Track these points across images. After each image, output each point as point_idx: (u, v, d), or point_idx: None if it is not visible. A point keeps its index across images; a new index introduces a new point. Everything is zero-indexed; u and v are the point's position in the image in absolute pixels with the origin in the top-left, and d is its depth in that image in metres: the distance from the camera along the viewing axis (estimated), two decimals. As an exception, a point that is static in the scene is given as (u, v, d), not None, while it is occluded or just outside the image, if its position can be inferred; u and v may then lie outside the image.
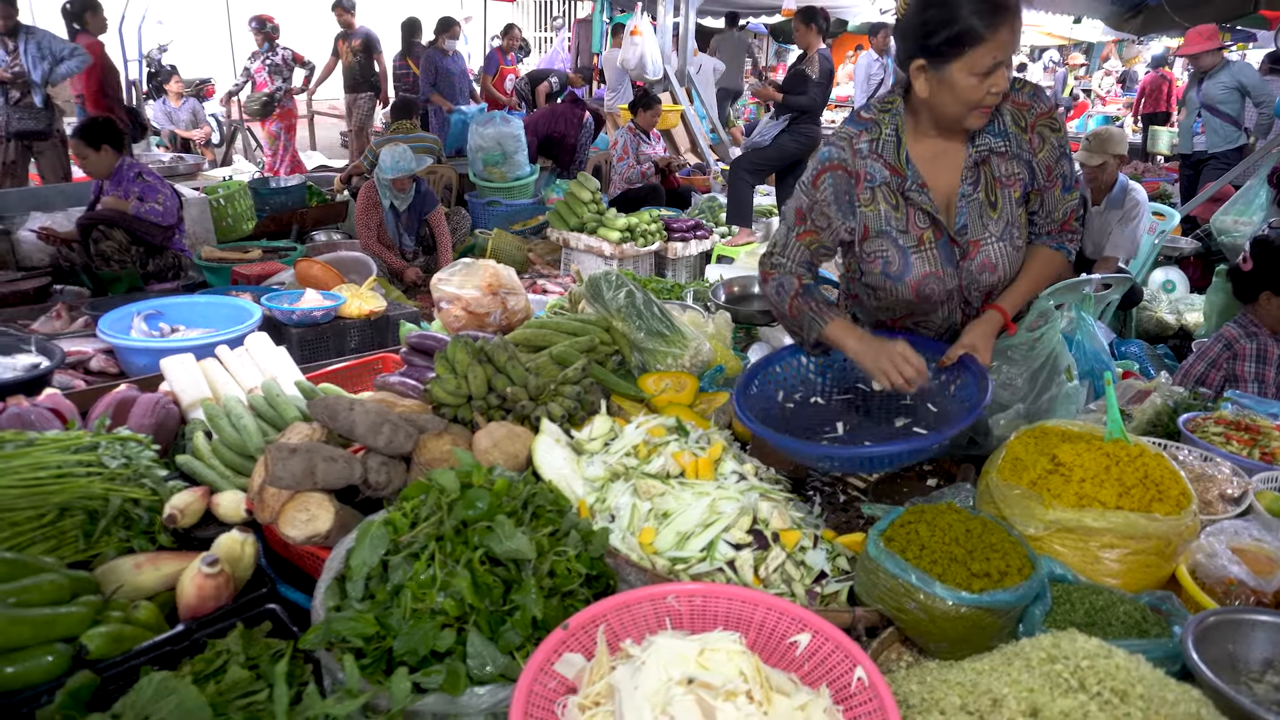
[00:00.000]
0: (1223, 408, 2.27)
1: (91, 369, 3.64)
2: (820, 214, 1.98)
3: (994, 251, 1.96)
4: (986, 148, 1.89)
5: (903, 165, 1.91)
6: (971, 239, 1.95)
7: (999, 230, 1.95)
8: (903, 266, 1.97)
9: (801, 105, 5.66)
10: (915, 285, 1.98)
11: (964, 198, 1.92)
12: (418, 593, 1.40)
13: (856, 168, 1.93)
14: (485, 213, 6.76)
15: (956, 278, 1.98)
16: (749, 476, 1.75)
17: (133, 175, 4.59)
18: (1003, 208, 1.94)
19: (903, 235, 1.95)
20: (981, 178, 1.92)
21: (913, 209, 1.94)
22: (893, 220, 1.95)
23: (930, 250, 1.96)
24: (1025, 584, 1.41)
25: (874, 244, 1.98)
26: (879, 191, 1.94)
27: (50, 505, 1.77)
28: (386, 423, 1.78)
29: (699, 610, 1.47)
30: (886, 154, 1.92)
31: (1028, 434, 1.75)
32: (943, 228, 1.94)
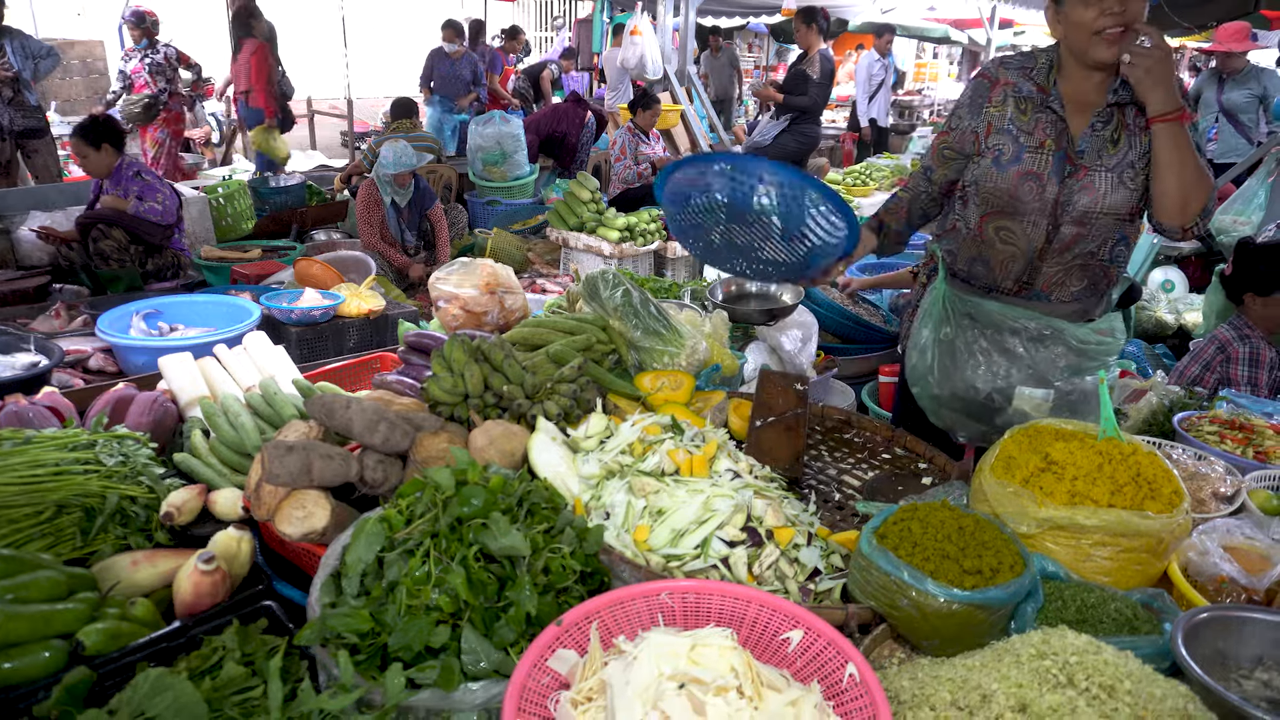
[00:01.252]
0: (1218, 407, 2.27)
1: (90, 368, 3.65)
2: (957, 115, 2.26)
3: (1100, 178, 2.08)
4: (1125, 98, 2.03)
5: (1050, 85, 2.11)
6: (1084, 163, 2.09)
7: (1113, 163, 2.07)
8: (1014, 157, 2.14)
9: (802, 105, 5.67)
10: (1017, 175, 2.14)
11: (1092, 130, 2.08)
12: (413, 589, 1.41)
13: (999, 76, 2.19)
14: (485, 212, 6.77)
15: (1056, 189, 2.11)
16: (744, 474, 1.76)
17: (132, 174, 4.61)
18: (1123, 147, 2.07)
19: (1025, 135, 2.14)
20: (1113, 119, 2.07)
21: (1045, 120, 2.11)
22: (1019, 123, 2.14)
23: (1044, 155, 2.11)
24: (1017, 581, 1.42)
25: (993, 139, 2.18)
26: (1013, 99, 2.15)
27: (48, 502, 1.77)
28: (383, 420, 1.79)
29: (692, 607, 1.48)
30: (1038, 76, 2.13)
31: (1021, 432, 1.76)
32: (1064, 144, 2.10)
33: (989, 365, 2.14)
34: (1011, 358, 2.13)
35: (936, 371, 2.22)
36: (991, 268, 2.27)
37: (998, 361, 2.14)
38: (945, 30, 15.08)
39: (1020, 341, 2.13)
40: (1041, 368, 2.12)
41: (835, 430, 2.37)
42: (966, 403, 2.19)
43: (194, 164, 7.90)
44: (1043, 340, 2.11)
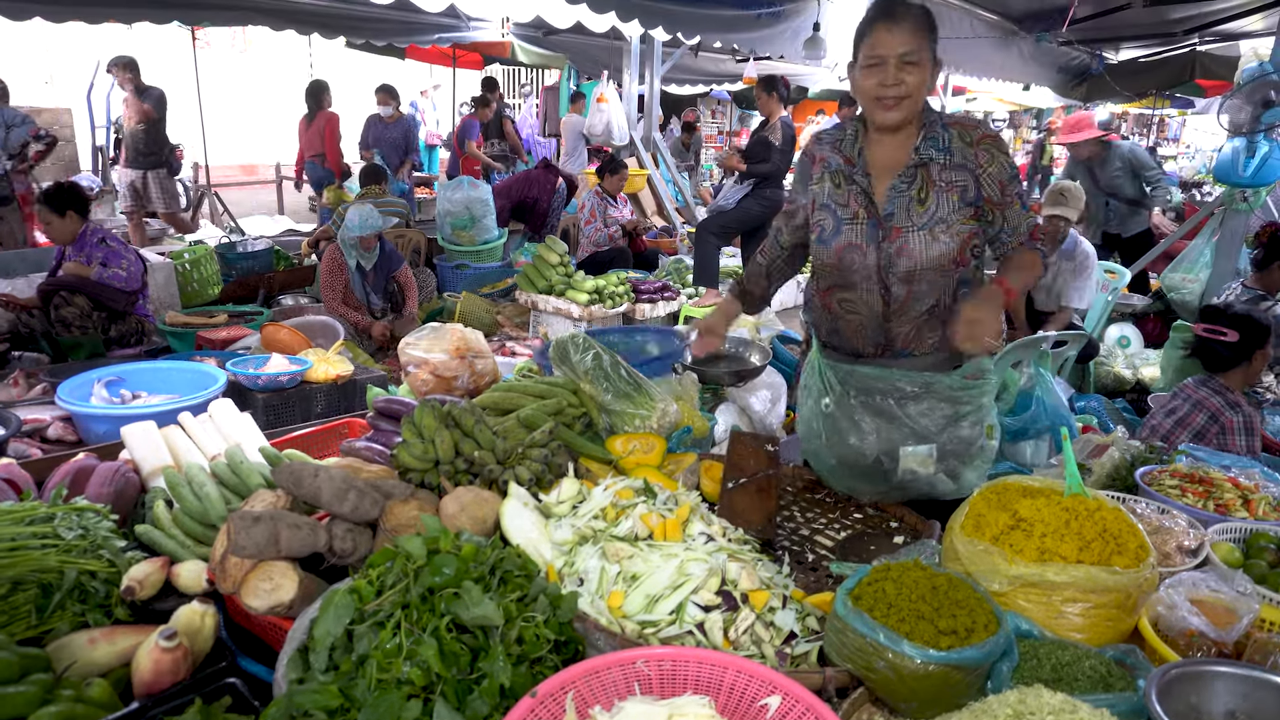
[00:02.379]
0: (1177, 461, 2.32)
1: (49, 437, 3.56)
2: (794, 189, 2.42)
3: (913, 238, 2.17)
4: (927, 156, 2.16)
5: (855, 156, 2.24)
6: (895, 225, 2.19)
7: (922, 221, 2.17)
8: (833, 232, 2.27)
9: (765, 172, 5.81)
10: (839, 250, 2.26)
11: (895, 191, 2.18)
12: (383, 662, 1.38)
13: (816, 153, 2.34)
14: (454, 276, 6.79)
15: (875, 255, 2.21)
16: (717, 537, 1.76)
17: (96, 241, 4.57)
18: (931, 205, 2.17)
19: (841, 209, 2.27)
20: (917, 178, 2.17)
21: (854, 191, 2.24)
22: (835, 196, 2.28)
23: (860, 225, 2.23)
24: (992, 640, 1.42)
25: (817, 215, 2.32)
26: (829, 175, 2.29)
27: (2, 579, 1.72)
28: (352, 489, 1.77)
29: (668, 675, 1.46)
30: (845, 148, 2.27)
31: (989, 490, 1.78)
32: (874, 210, 2.21)
33: (872, 430, 2.20)
34: (890, 419, 2.19)
35: (825, 441, 2.28)
36: (847, 336, 2.36)
37: (878, 425, 2.20)
38: (901, 97, 15.61)
39: (895, 402, 2.19)
40: (920, 424, 2.18)
41: (806, 490, 2.38)
42: (858, 468, 2.24)
43: (160, 230, 7.84)
44: (916, 397, 2.18)
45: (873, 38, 2.06)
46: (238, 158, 13.73)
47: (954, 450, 2.17)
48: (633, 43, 8.25)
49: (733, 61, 11.96)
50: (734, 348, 3.13)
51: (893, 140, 2.19)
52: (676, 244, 7.97)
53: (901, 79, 2.03)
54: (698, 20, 5.78)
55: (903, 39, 2.02)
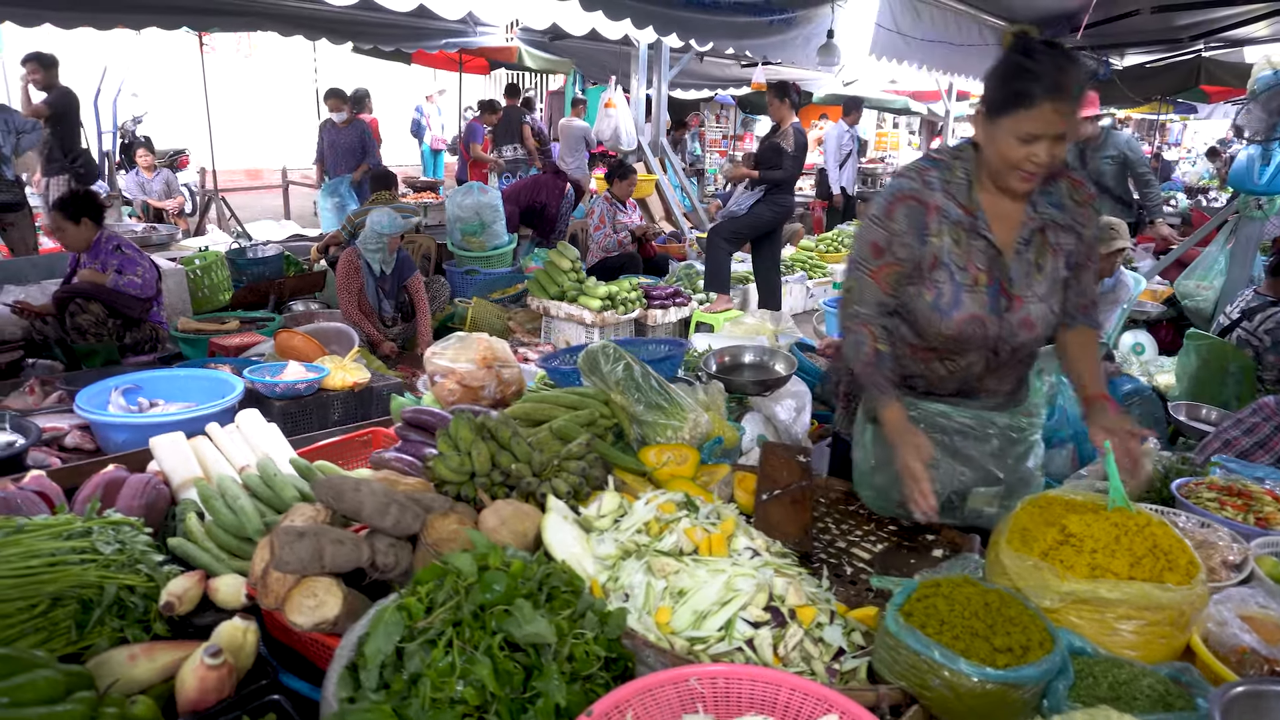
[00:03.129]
0: (1211, 473, 2.32)
1: (66, 445, 3.56)
2: (901, 244, 2.03)
3: (1035, 311, 2.04)
4: (1049, 216, 2.01)
5: (974, 205, 2.00)
6: (1017, 293, 2.03)
7: (1042, 292, 2.04)
8: (953, 301, 2.03)
9: (778, 179, 5.81)
10: (960, 322, 2.04)
11: (1018, 254, 2.02)
12: (437, 681, 1.37)
13: (929, 199, 2.01)
14: (464, 281, 6.79)
15: (998, 326, 2.05)
16: (762, 551, 1.75)
17: (111, 248, 4.56)
18: (1048, 272, 2.04)
19: (960, 271, 2.02)
20: (1034, 241, 2.03)
21: (974, 249, 2.01)
22: (954, 255, 2.02)
23: (980, 293, 2.03)
24: (1048, 658, 1.41)
25: (935, 274, 2.04)
26: (946, 225, 2.01)
27: (42, 595, 1.70)
28: (394, 503, 1.76)
29: (722, 692, 1.45)
30: (958, 194, 2.01)
31: (1032, 504, 1.77)
32: (996, 273, 2.02)
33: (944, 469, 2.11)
34: (962, 459, 2.14)
35: (885, 476, 2.18)
36: (930, 382, 2.26)
37: (948, 464, 2.13)
38: (905, 102, 15.65)
39: (965, 441, 2.15)
40: (989, 463, 2.16)
41: (839, 502, 2.37)
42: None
43: (167, 234, 7.83)
44: (984, 438, 2.15)
45: (1034, 111, 1.79)
46: (242, 162, 13.72)
47: (1015, 486, 2.16)
48: (640, 48, 8.25)
49: (738, 66, 11.98)
50: (758, 356, 3.12)
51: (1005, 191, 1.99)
52: (686, 249, 7.96)
53: (1054, 154, 1.85)
54: (711, 27, 5.79)
55: (1067, 114, 1.81)
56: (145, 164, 9.06)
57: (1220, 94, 12.73)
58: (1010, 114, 1.84)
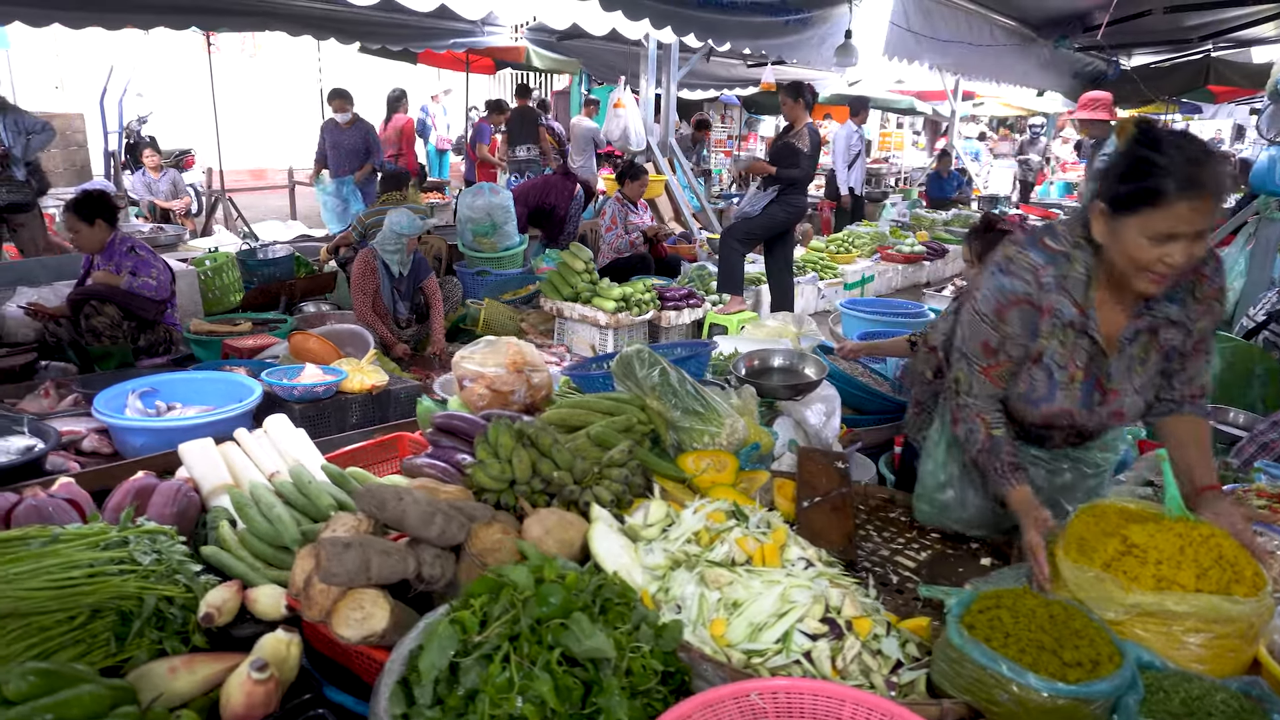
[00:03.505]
0: (1256, 479, 2.28)
1: (84, 449, 3.52)
2: (1015, 345, 1.96)
3: (1128, 403, 1.97)
4: (1164, 316, 1.89)
5: (1088, 304, 1.89)
6: (1114, 387, 1.96)
7: (1139, 385, 1.96)
8: (1046, 395, 1.98)
9: (794, 177, 5.77)
10: (1047, 415, 2.01)
11: (1120, 351, 1.93)
12: (495, 698, 1.34)
13: (1043, 301, 1.90)
14: (475, 282, 6.75)
15: (1086, 418, 2.00)
16: (815, 562, 1.71)
17: (125, 249, 4.53)
18: (1150, 366, 1.96)
19: (1059, 370, 1.96)
20: (1140, 338, 1.93)
21: (1078, 347, 1.93)
22: (1058, 355, 1.95)
23: (1074, 389, 1.97)
24: (1118, 673, 1.38)
25: (1033, 368, 1.98)
26: (1059, 329, 1.92)
27: (82, 607, 1.67)
28: (439, 513, 1.73)
29: (784, 707, 1.42)
30: (1074, 290, 1.88)
31: (1087, 513, 1.74)
32: (1095, 370, 1.94)
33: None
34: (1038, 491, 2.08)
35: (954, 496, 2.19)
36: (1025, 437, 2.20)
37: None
38: (910, 102, 15.62)
39: (1035, 471, 2.13)
40: (1056, 495, 2.14)
41: (879, 509, 2.34)
42: (983, 525, 2.19)
43: (175, 234, 7.78)
44: (1056, 471, 2.14)
45: (1171, 211, 1.65)
46: (247, 162, 13.68)
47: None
48: (650, 48, 8.22)
49: (743, 67, 11.94)
50: (787, 360, 3.09)
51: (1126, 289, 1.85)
52: (696, 250, 7.93)
53: (1192, 253, 1.70)
54: (728, 27, 5.75)
55: (1206, 213, 1.66)
56: (152, 164, 9.02)
57: (1227, 94, 12.69)
58: (1139, 213, 1.69)
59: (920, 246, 8.99)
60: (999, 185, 17.20)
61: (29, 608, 1.63)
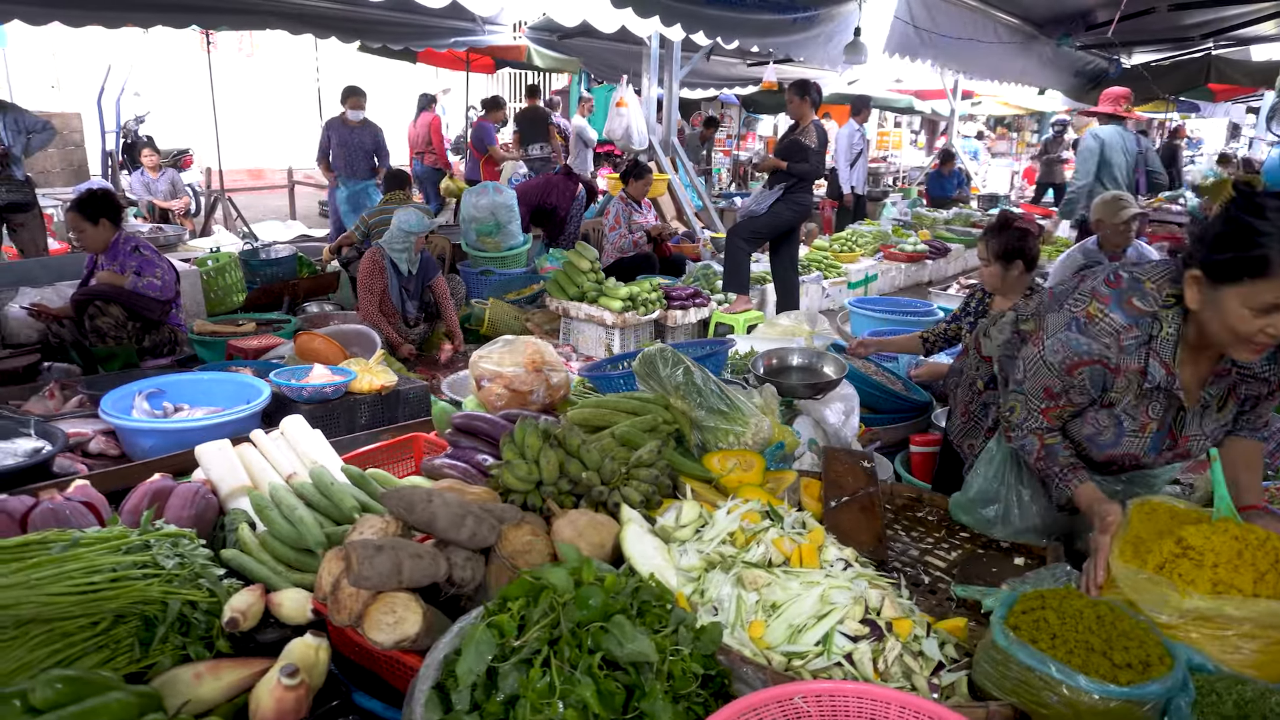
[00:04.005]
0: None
1: (91, 451, 3.47)
2: (1079, 392, 1.93)
3: (1196, 445, 1.95)
4: (1249, 372, 1.85)
5: (1176, 366, 1.82)
6: (1185, 435, 1.94)
7: (1210, 430, 1.94)
8: (1113, 441, 1.97)
9: (804, 172, 5.76)
10: (1109, 457, 2.00)
11: (1202, 405, 1.91)
12: (537, 703, 1.30)
13: (1120, 363, 1.85)
14: (479, 282, 6.71)
15: (1151, 460, 1.99)
16: (853, 563, 1.69)
17: (129, 249, 4.48)
18: (1226, 413, 1.93)
19: (1129, 419, 1.93)
20: (1221, 386, 1.90)
21: (1157, 405, 1.90)
22: (1129, 406, 1.92)
23: (1145, 437, 1.94)
24: (1170, 675, 1.36)
25: (1099, 413, 1.96)
26: (1135, 385, 1.87)
27: (105, 612, 1.64)
28: (469, 515, 1.69)
29: (828, 711, 1.39)
30: (1164, 352, 1.81)
31: (1139, 512, 1.72)
32: (1169, 420, 1.92)
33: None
34: None
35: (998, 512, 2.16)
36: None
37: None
38: (909, 101, 15.63)
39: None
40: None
41: (907, 509, 2.31)
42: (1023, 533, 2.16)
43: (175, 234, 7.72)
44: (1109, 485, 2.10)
45: (1276, 281, 1.57)
46: (244, 162, 13.62)
47: None
48: (652, 47, 8.19)
49: (743, 65, 11.92)
50: (805, 359, 3.07)
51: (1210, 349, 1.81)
52: (700, 249, 7.90)
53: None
54: (736, 25, 5.73)
55: None
56: (151, 164, 8.96)
57: (1226, 93, 12.72)
58: (1242, 283, 1.60)
59: (923, 245, 8.98)
60: (997, 184, 17.22)
61: (52, 613, 1.60)
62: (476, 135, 9.85)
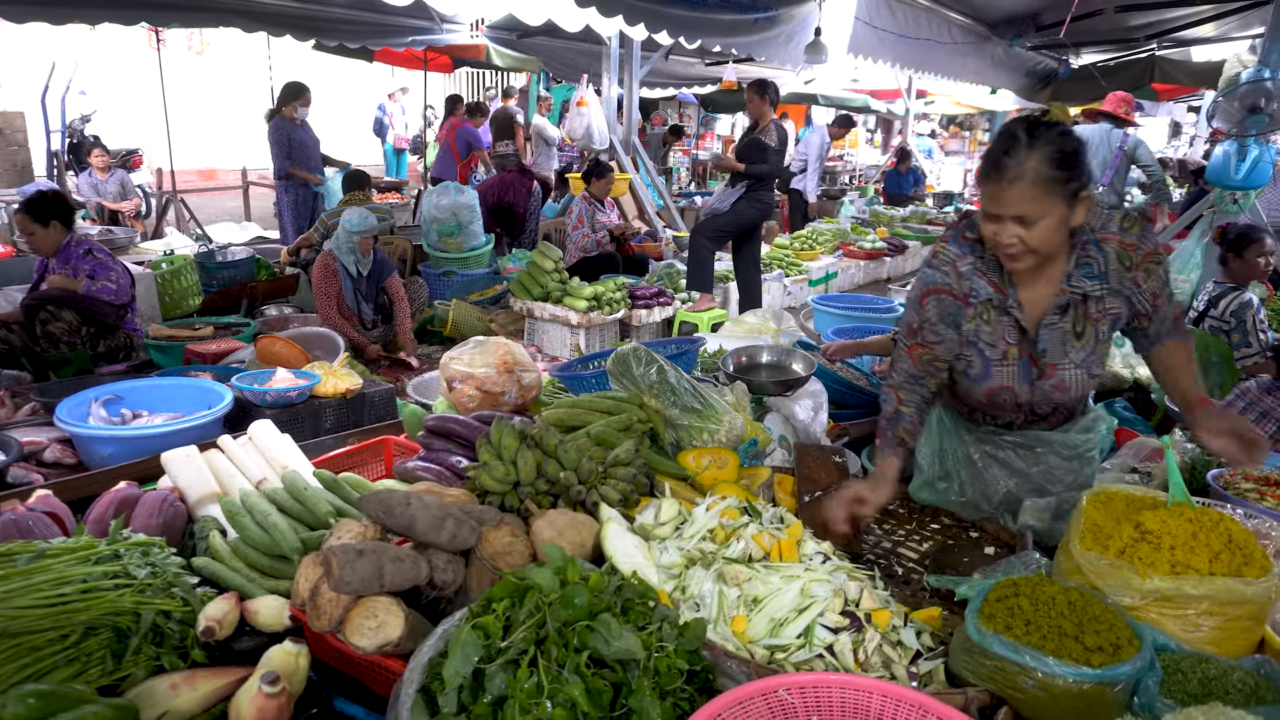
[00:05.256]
0: (1238, 463, 2.34)
1: (45, 460, 3.38)
2: (930, 330, 2.09)
3: (1070, 376, 2.05)
4: (1081, 292, 1.96)
5: (1005, 284, 2.01)
6: (1050, 361, 2.04)
7: (1080, 358, 2.03)
8: (982, 373, 2.10)
9: (764, 172, 5.80)
10: (989, 392, 2.12)
11: (1048, 326, 2.02)
12: (526, 703, 1.31)
13: (962, 289, 2.05)
14: (440, 283, 6.65)
15: (1029, 394, 2.09)
16: (832, 556, 1.71)
17: (82, 253, 4.37)
18: (1088, 339, 2.02)
19: (989, 348, 2.07)
20: (1070, 311, 2.00)
21: (1004, 325, 2.04)
22: (984, 334, 2.07)
23: (1011, 365, 2.07)
24: (1139, 656, 1.41)
25: (964, 350, 2.11)
26: (978, 308, 2.05)
27: (76, 624, 1.60)
28: (449, 517, 1.69)
29: (812, 702, 1.42)
30: (989, 272, 2.02)
31: (1095, 501, 1.77)
32: (1027, 347, 2.04)
33: (991, 475, 2.21)
34: (1011, 471, 2.20)
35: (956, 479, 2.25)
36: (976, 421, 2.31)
37: (997, 472, 2.21)
38: (865, 100, 15.83)
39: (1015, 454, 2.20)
40: (1039, 480, 2.18)
41: (878, 501, 2.35)
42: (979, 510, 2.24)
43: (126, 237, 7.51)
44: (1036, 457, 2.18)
45: (984, 190, 1.86)
46: (195, 162, 13.30)
47: (1066, 501, 2.17)
48: (612, 46, 8.19)
49: (701, 65, 11.97)
50: (774, 356, 3.10)
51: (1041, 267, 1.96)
52: (662, 248, 7.93)
53: (1017, 235, 1.84)
54: (699, 24, 5.76)
55: (1015, 200, 1.80)
56: (100, 164, 8.71)
57: (1169, 92, 13.09)
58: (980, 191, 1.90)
59: (881, 243, 9.11)
60: (951, 182, 17.53)
61: (20, 627, 1.55)
62: (462, 139, 9.63)
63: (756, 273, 6.50)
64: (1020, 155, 1.78)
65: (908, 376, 2.13)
